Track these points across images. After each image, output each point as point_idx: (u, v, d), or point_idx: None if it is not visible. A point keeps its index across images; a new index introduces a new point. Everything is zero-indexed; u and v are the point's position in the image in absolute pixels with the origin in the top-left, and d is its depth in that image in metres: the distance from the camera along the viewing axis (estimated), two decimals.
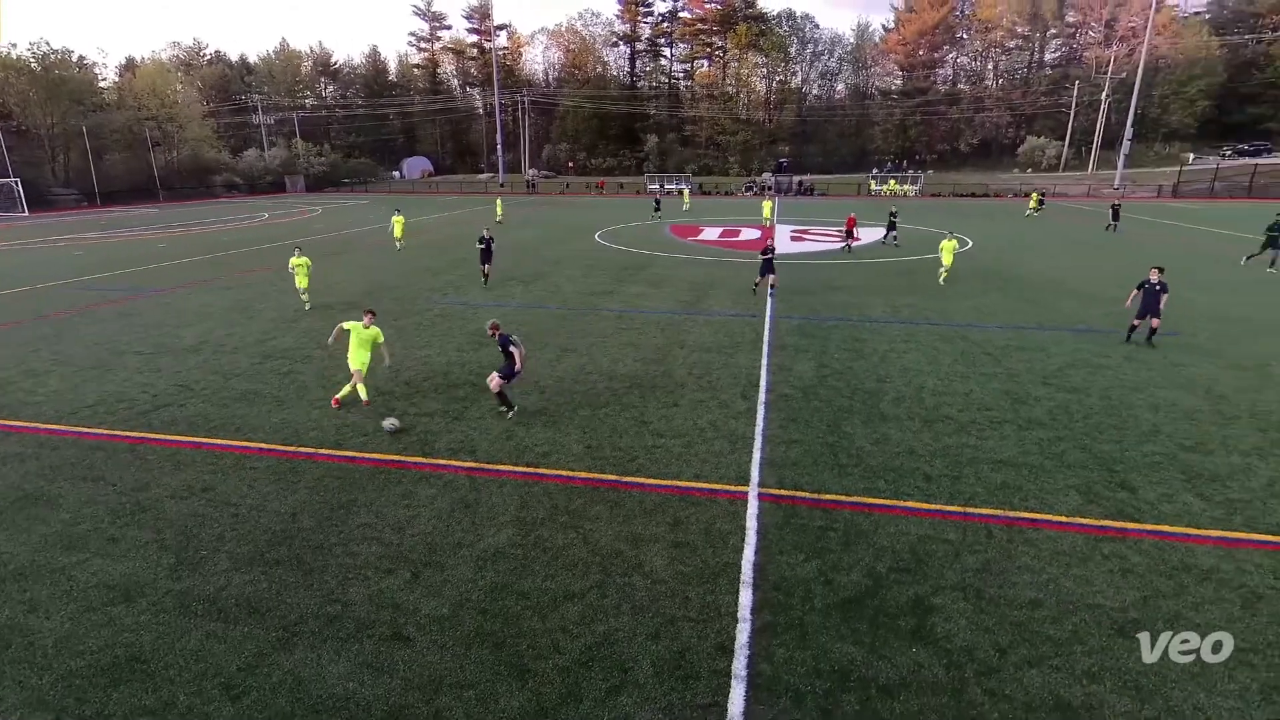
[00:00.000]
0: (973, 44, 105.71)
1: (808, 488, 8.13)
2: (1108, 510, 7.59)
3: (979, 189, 70.51)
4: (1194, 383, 11.74)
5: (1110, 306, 17.74)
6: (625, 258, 27.32)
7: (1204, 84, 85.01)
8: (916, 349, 13.88)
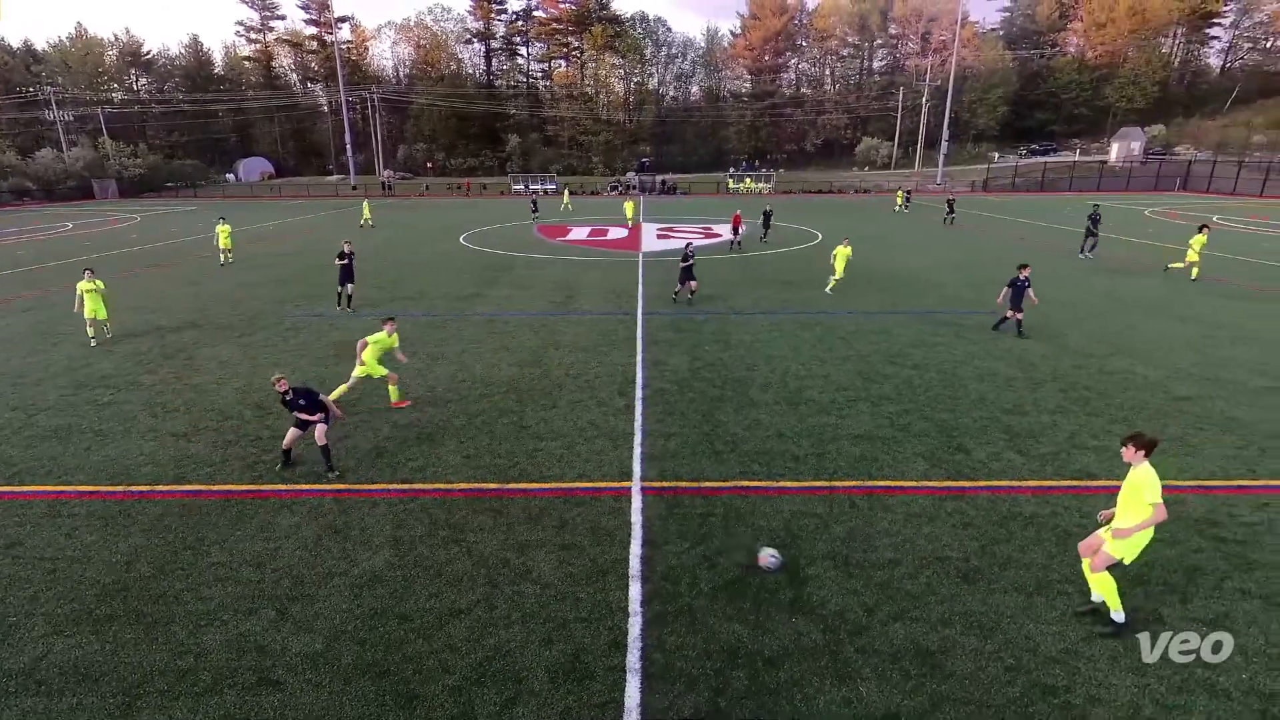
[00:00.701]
0: (811, 51, 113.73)
1: (688, 477, 8.38)
2: (949, 472, 8.48)
3: (824, 186, 75.97)
4: (1009, 354, 13.40)
5: (942, 291, 19.80)
6: (493, 260, 26.71)
7: (1002, 92, 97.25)
8: (780, 337, 14.73)
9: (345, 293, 17.58)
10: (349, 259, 17.55)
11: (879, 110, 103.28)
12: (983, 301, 18.17)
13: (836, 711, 4.89)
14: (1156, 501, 5.29)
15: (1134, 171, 70.93)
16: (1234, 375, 12.00)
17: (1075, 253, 26.47)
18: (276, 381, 8.38)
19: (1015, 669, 5.26)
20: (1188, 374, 12.08)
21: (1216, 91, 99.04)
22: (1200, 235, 20.58)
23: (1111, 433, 9.56)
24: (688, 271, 17.80)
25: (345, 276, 17.50)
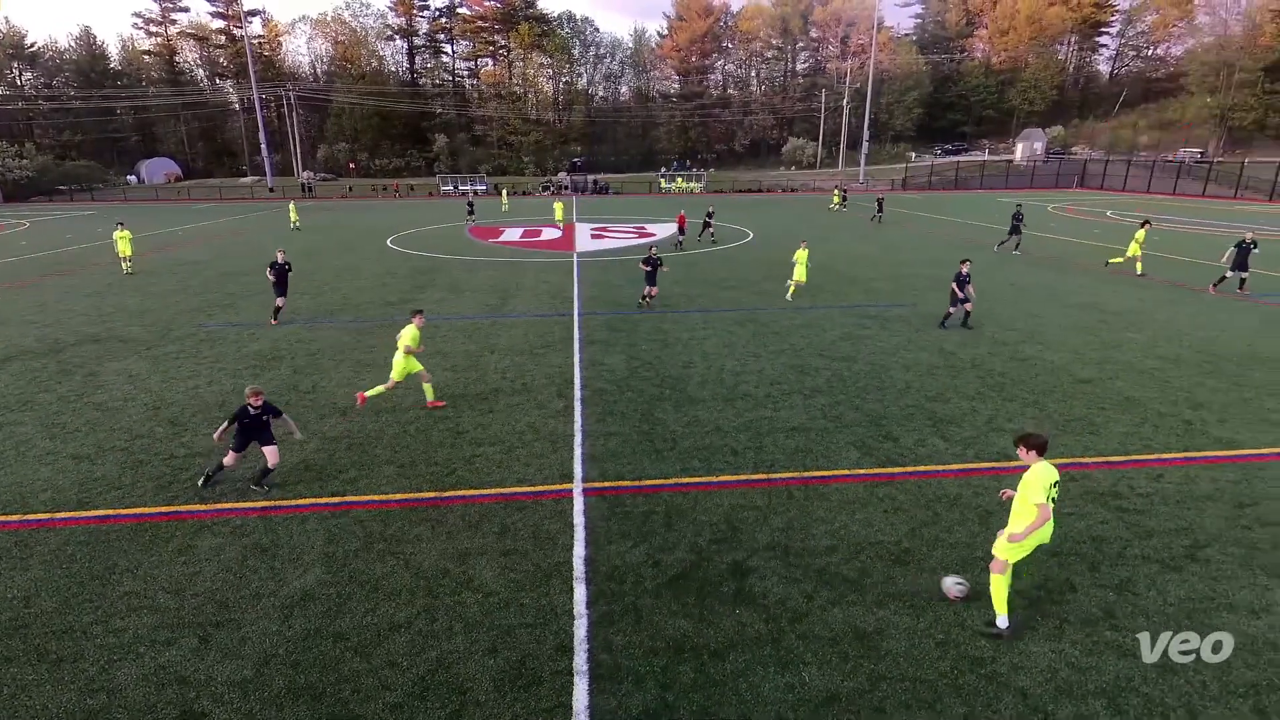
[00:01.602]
0: (737, 53, 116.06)
1: (629, 476, 8.41)
2: (879, 459, 8.82)
3: (754, 185, 77.68)
4: (932, 345, 14.05)
5: (869, 286, 20.57)
6: (423, 263, 26.01)
7: (917, 94, 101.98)
8: (715, 334, 14.96)
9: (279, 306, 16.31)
10: (282, 270, 16.12)
11: (803, 111, 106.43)
12: (906, 295, 19.00)
13: (780, 698, 5.01)
14: (1040, 502, 5.20)
15: (1037, 170, 75.67)
16: (1128, 357, 12.98)
17: (992, 247, 27.99)
18: (253, 395, 7.85)
19: (945, 643, 5.52)
20: (1088, 358, 12.98)
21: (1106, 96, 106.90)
22: (1141, 231, 21.38)
23: (1025, 415, 10.18)
24: (651, 276, 17.19)
25: (280, 289, 16.15)
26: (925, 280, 21.06)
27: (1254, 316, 16.30)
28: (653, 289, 17.38)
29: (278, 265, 16.15)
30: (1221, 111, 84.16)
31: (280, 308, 16.34)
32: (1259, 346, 13.66)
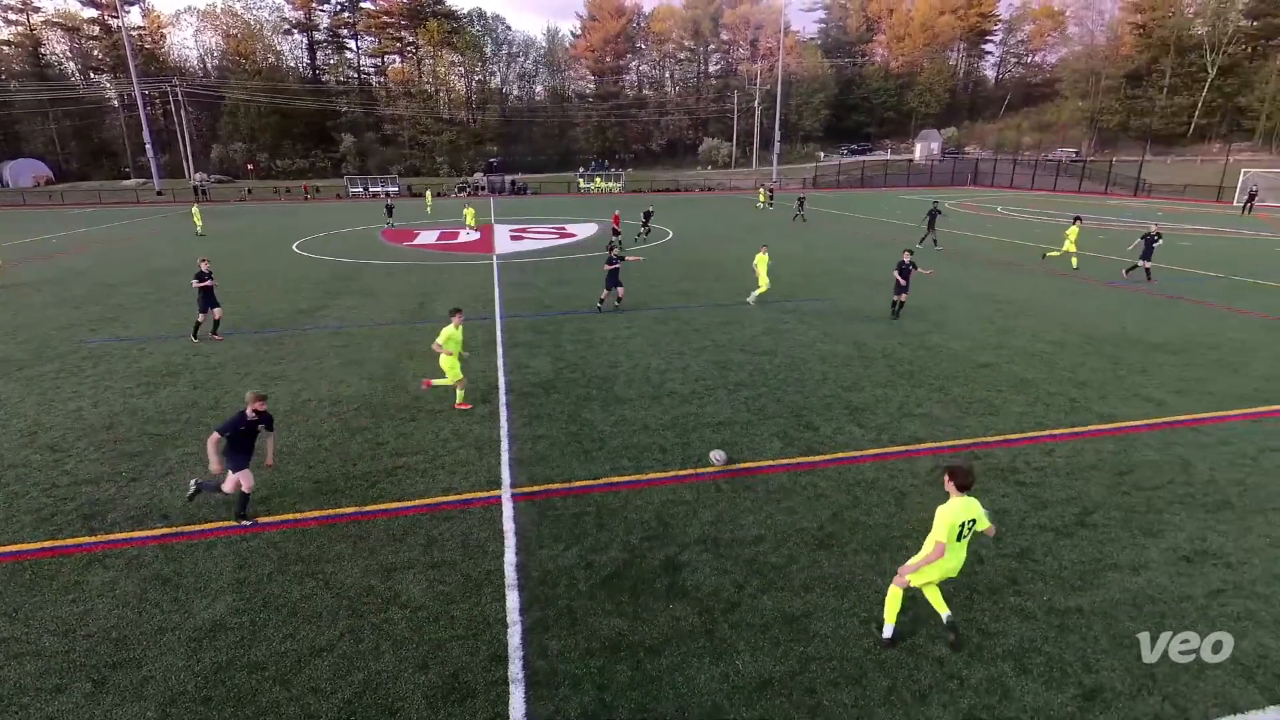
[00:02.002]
0: (651, 54, 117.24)
1: (558, 479, 8.34)
2: (801, 449, 9.13)
3: (672, 184, 78.71)
4: (846, 337, 14.67)
5: (787, 281, 21.20)
6: (333, 269, 24.86)
7: (824, 96, 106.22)
8: (640, 334, 15.06)
9: (211, 317, 14.93)
10: (209, 280, 14.78)
11: (717, 112, 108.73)
12: (821, 290, 19.74)
13: (716, 687, 5.10)
14: (939, 539, 5.13)
15: (934, 168, 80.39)
16: (1021, 342, 14.00)
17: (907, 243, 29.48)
18: (255, 400, 7.23)
19: (868, 621, 5.79)
20: (986, 344, 13.91)
21: (993, 99, 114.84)
22: (1073, 227, 22.54)
23: (932, 400, 10.80)
24: (613, 276, 16.79)
25: (207, 301, 14.78)
26: (840, 276, 21.97)
27: (1125, 301, 17.92)
28: (619, 289, 16.95)
29: (203, 275, 14.74)
30: (1091, 114, 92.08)
31: (219, 319, 15.10)
32: (1129, 328, 15.04)
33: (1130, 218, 40.22)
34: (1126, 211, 44.59)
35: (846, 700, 4.97)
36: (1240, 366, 12.42)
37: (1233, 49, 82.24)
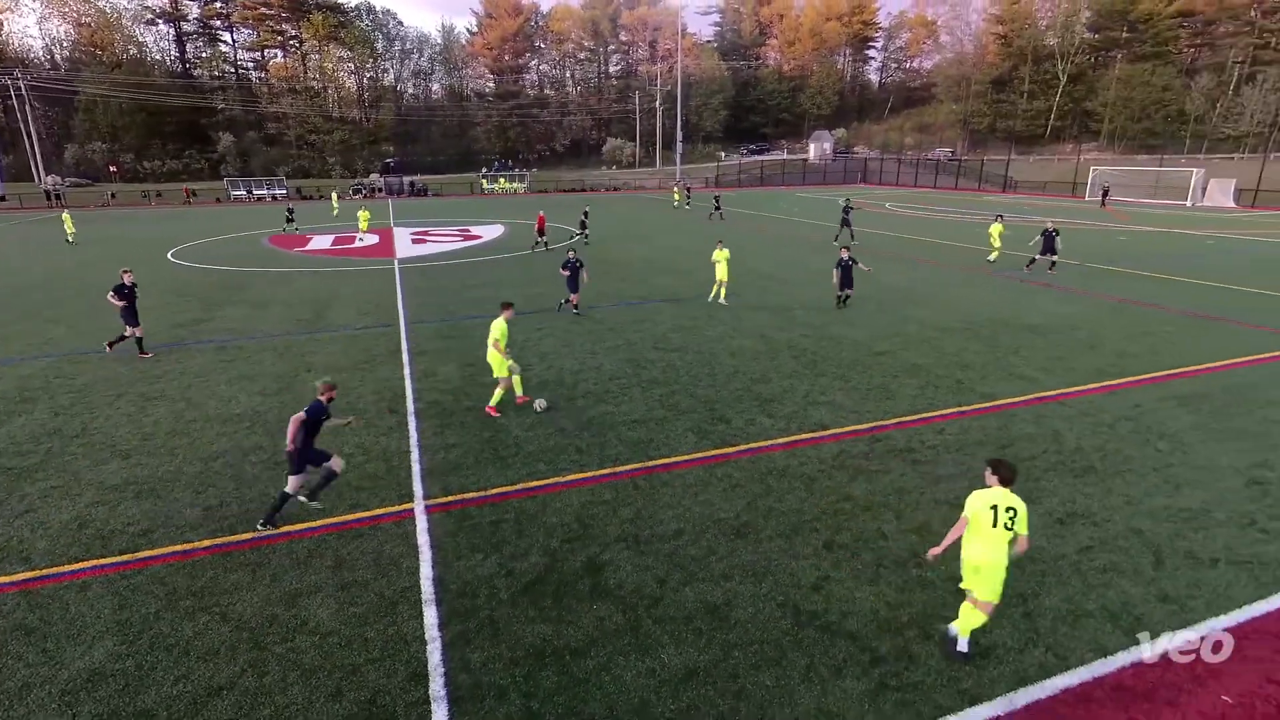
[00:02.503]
0: (550, 53, 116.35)
1: (474, 488, 8.14)
2: (715, 442, 9.35)
3: (577, 184, 78.46)
4: (752, 331, 15.15)
5: (694, 278, 21.60)
6: (217, 278, 23.08)
7: (722, 97, 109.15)
8: (551, 335, 14.92)
9: (134, 335, 13.66)
10: (131, 293, 13.52)
11: (620, 112, 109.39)
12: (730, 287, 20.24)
13: (643, 683, 5.14)
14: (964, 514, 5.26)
15: (828, 168, 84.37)
16: (912, 330, 14.95)
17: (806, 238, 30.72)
18: (326, 390, 7.29)
19: (785, 604, 6.01)
20: (881, 333, 14.76)
21: (878, 102, 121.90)
22: (997, 224, 23.93)
23: (835, 388, 11.34)
24: (572, 281, 16.29)
25: (129, 317, 13.51)
26: (746, 272, 22.63)
27: (1000, 289, 19.52)
28: (574, 295, 16.37)
29: (124, 288, 13.47)
30: (964, 117, 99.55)
31: (140, 337, 13.78)
32: (1004, 314, 16.39)
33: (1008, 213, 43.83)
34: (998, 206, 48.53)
35: (768, 681, 5.15)
36: (1096, 344, 13.81)
37: (1079, 59, 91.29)
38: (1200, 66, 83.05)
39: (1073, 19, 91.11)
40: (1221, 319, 15.84)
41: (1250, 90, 73.17)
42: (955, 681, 5.12)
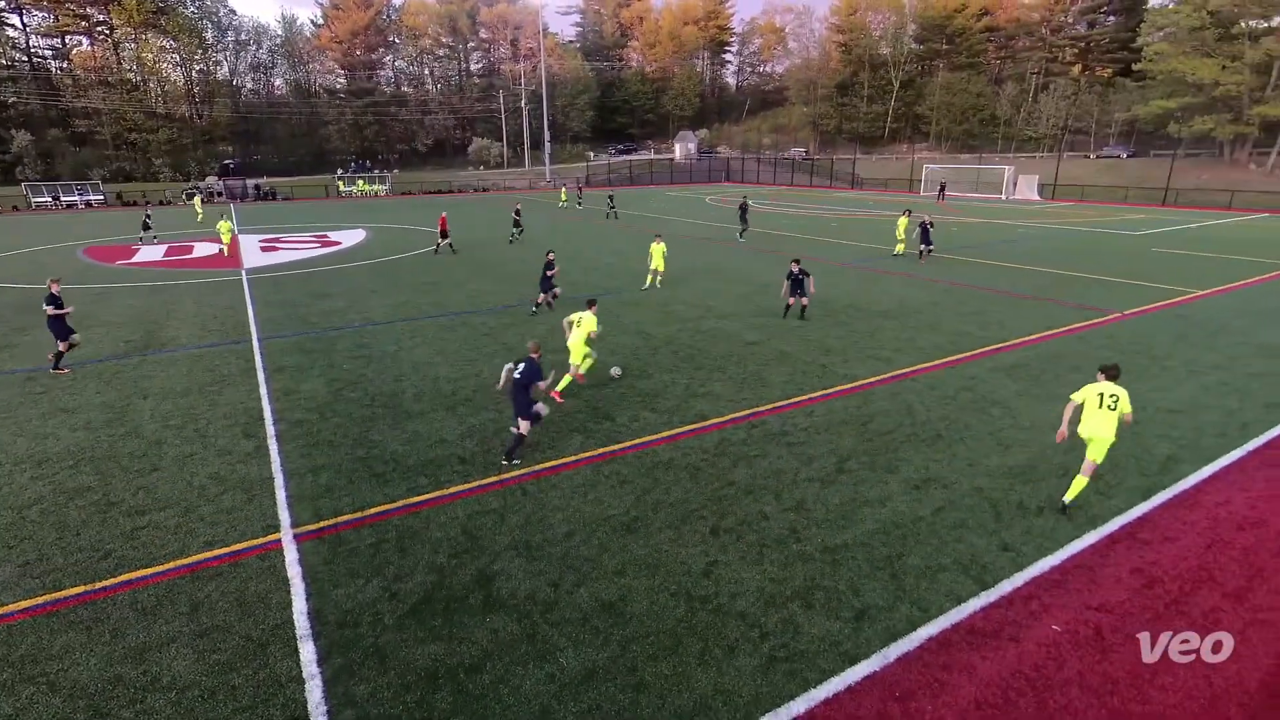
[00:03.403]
0: (406, 49, 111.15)
1: (349, 509, 7.65)
2: (601, 440, 9.40)
3: (443, 186, 75.65)
4: (631, 328, 15.36)
5: (567, 278, 21.52)
6: (17, 298, 19.96)
7: (588, 98, 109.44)
8: (424, 343, 14.31)
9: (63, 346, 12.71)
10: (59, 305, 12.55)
11: (484, 111, 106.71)
12: (606, 284, 20.39)
13: (542, 690, 5.08)
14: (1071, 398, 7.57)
15: (694, 167, 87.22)
16: (778, 319, 15.82)
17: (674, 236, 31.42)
18: (535, 349, 8.77)
19: (677, 592, 6.17)
20: (751, 324, 15.50)
21: (736, 104, 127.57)
22: (903, 218, 25.50)
23: (713, 379, 11.77)
24: (548, 282, 16.55)
25: (60, 333, 12.63)
26: (623, 270, 22.90)
27: (854, 278, 21.11)
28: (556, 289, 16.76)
29: (54, 298, 12.54)
30: (814, 119, 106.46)
31: (63, 352, 12.77)
32: (859, 300, 17.77)
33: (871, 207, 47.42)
34: (850, 203, 52.42)
35: (666, 671, 5.26)
36: (937, 324, 15.32)
37: (909, 67, 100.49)
38: (1006, 76, 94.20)
39: (901, 31, 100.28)
40: (1034, 297, 18.12)
41: (1045, 97, 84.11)
42: (836, 645, 5.50)
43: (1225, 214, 43.60)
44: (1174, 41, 65.02)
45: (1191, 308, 17.09)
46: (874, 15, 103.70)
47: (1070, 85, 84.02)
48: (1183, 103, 63.05)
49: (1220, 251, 26.84)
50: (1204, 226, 36.30)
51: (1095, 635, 5.62)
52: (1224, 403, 10.57)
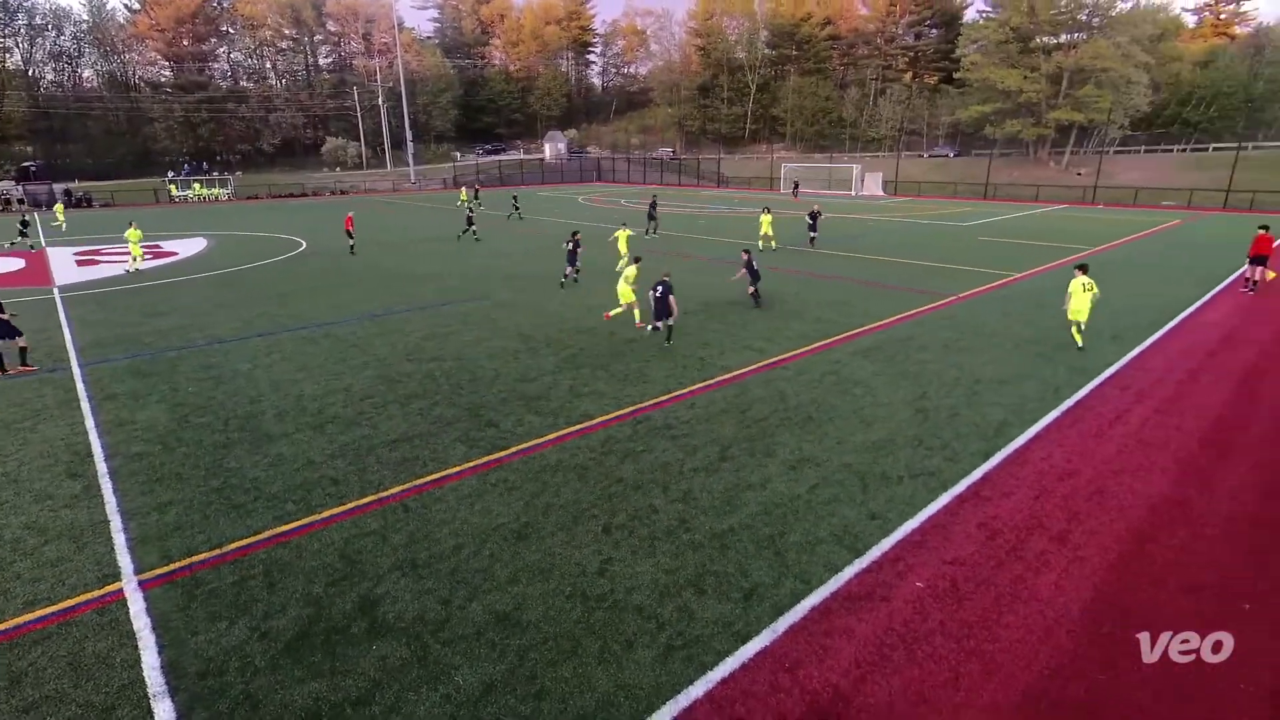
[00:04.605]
0: (244, 40, 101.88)
1: (205, 547, 6.93)
2: (485, 448, 9.15)
3: (295, 189, 70.26)
4: (510, 332, 15.07)
5: (441, 283, 20.75)
6: None
7: (451, 96, 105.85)
8: (284, 358, 13.25)
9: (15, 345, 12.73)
10: None
11: (337, 110, 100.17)
12: (479, 289, 19.84)
13: (439, 712, 4.88)
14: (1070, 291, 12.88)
15: (565, 167, 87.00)
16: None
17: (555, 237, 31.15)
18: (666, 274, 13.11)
19: (573, 594, 6.15)
20: (632, 321, 15.71)
21: (603, 104, 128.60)
22: (765, 215, 26.54)
23: (597, 378, 11.81)
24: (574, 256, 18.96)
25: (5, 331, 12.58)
26: (496, 273, 22.38)
27: (725, 273, 21.98)
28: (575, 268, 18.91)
29: None
30: (679, 120, 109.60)
31: None
32: (731, 294, 18.54)
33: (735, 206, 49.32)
34: (718, 200, 54.49)
35: (566, 674, 5.23)
36: (800, 313, 16.32)
37: (763, 71, 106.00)
38: (849, 81, 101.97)
39: (755, 36, 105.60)
40: (884, 285, 19.78)
41: (884, 101, 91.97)
42: (729, 626, 5.71)
43: (1034, 205, 49.85)
44: (985, 53, 73.32)
45: (1013, 289, 19.39)
46: (729, 20, 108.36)
47: (904, 91, 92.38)
48: (995, 108, 71.18)
49: (1032, 239, 30.67)
50: (1018, 217, 41.30)
51: (952, 587, 6.24)
52: (1041, 371, 12.09)
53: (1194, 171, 57.57)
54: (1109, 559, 6.65)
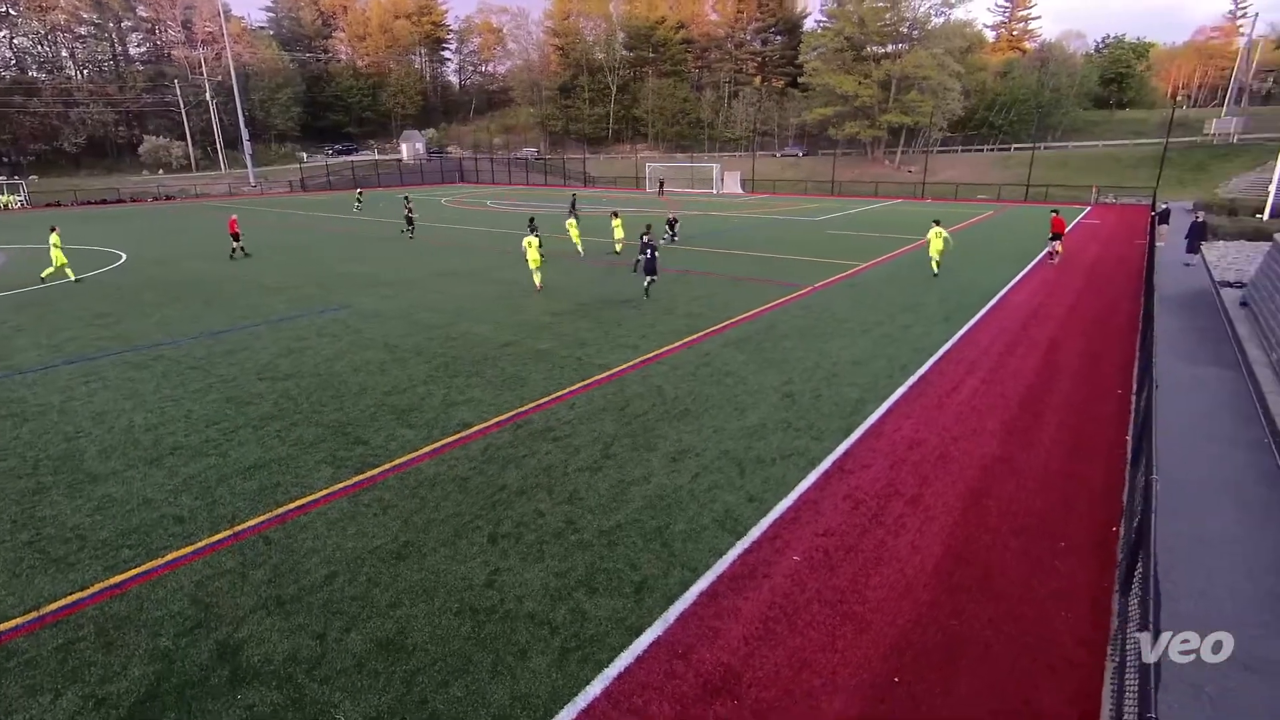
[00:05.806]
0: (30, 24, 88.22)
1: (16, 611, 5.97)
2: (355, 467, 8.60)
3: (110, 194, 62.06)
4: (374, 341, 14.26)
5: (294, 293, 19.22)
6: None
7: (291, 92, 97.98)
8: (106, 387, 11.68)
9: None
10: None
11: (157, 106, 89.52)
12: (337, 297, 18.58)
13: None
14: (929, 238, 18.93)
15: (424, 168, 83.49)
16: (532, 317, 15.95)
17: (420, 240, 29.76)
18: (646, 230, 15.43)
19: (461, 610, 5.94)
20: (504, 324, 15.41)
21: (462, 103, 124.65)
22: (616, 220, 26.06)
23: (471, 385, 11.46)
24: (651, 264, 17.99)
25: None
26: (356, 280, 21.06)
27: (595, 273, 22.10)
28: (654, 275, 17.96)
29: None
30: (541, 119, 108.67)
31: None
32: (604, 293, 18.66)
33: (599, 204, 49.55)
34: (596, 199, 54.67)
35: (459, 694, 5.04)
36: (672, 309, 16.78)
37: (623, 72, 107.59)
38: (704, 84, 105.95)
39: (612, 38, 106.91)
40: (747, 279, 20.79)
41: (738, 103, 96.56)
42: (621, 621, 5.77)
43: (874, 200, 54.52)
44: (824, 60, 79.10)
45: (859, 277, 21.09)
46: (586, 21, 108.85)
47: (754, 93, 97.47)
48: (836, 110, 76.98)
49: (874, 231, 33.53)
50: (861, 211, 44.95)
51: (825, 557, 6.69)
52: (888, 351, 13.26)
53: (1001, 169, 65.72)
54: (953, 516, 7.43)
